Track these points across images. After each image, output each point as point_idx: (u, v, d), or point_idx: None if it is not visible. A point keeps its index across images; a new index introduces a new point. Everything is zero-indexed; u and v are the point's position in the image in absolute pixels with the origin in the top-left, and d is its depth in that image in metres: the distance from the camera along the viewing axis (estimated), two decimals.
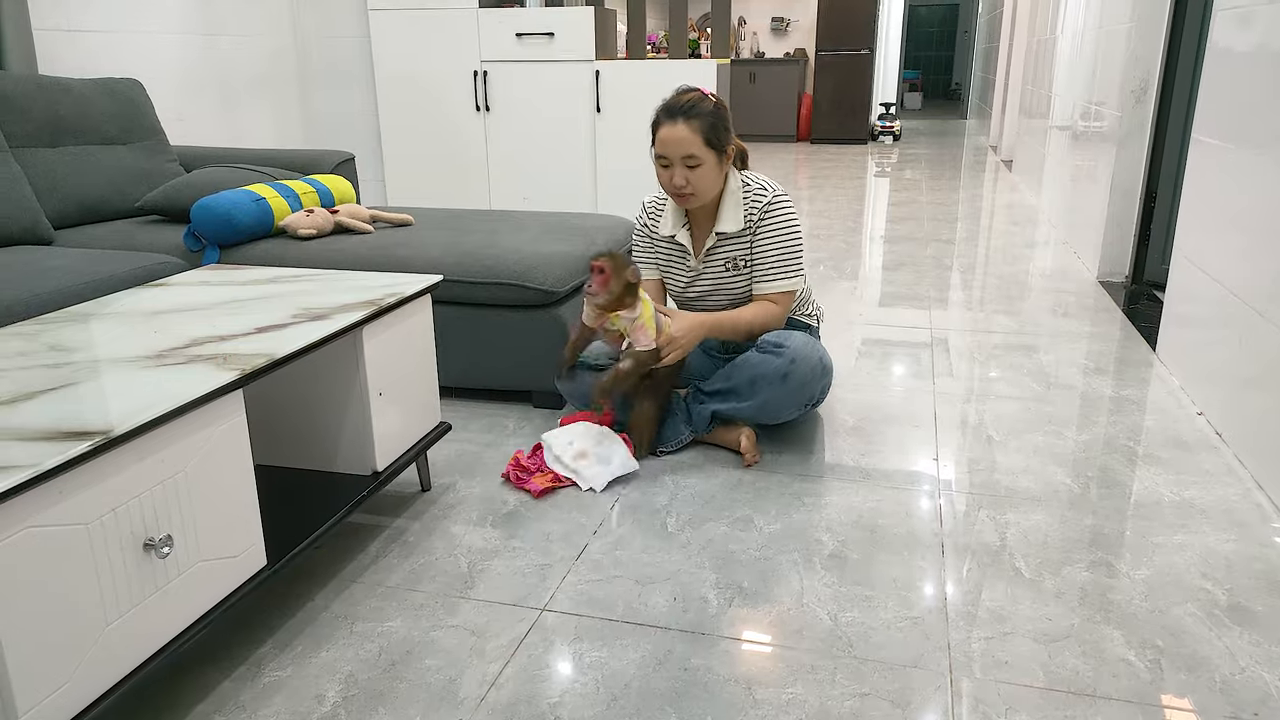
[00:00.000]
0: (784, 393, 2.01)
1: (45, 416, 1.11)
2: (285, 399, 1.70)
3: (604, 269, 1.87)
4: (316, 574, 1.64)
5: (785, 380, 2.00)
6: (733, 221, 2.05)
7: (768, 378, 2.00)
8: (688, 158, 1.95)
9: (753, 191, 2.06)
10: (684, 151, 1.94)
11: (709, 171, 1.97)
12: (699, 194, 2.00)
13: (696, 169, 1.96)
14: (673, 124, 1.95)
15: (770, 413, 2.06)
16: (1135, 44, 3.47)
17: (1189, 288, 2.56)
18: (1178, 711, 1.28)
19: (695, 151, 1.94)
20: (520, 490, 1.93)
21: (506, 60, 3.93)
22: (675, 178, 1.97)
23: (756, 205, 2.05)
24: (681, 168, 1.96)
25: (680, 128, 1.94)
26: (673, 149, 1.95)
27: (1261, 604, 1.52)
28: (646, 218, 2.20)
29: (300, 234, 2.47)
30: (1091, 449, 2.12)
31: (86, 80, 2.82)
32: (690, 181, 1.97)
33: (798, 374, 2.00)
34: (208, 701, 1.32)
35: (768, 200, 2.04)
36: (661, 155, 1.99)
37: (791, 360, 1.99)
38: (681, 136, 1.94)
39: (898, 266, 4.01)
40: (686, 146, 1.94)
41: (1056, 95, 5.22)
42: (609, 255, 1.89)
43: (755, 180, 2.08)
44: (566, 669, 1.38)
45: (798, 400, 2.04)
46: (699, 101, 1.96)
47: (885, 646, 1.42)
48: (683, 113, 1.94)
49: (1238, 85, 2.29)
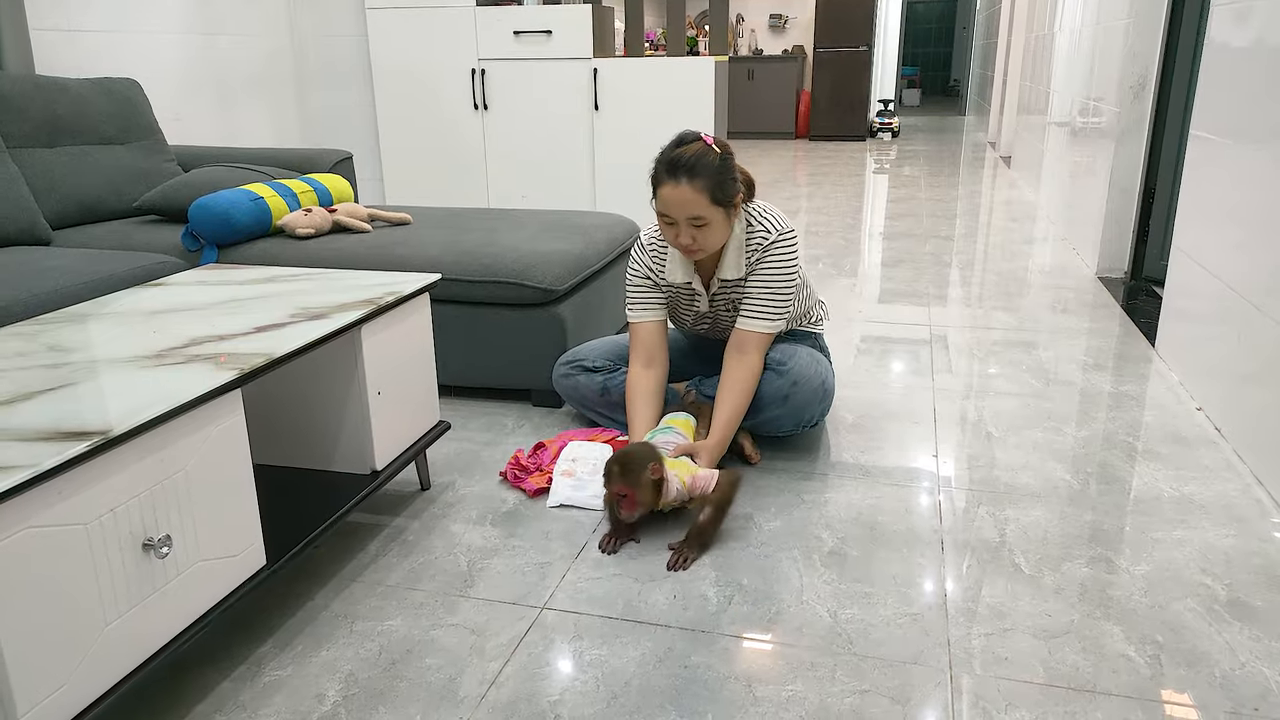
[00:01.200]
0: (784, 413, 2.01)
1: (44, 417, 1.11)
2: (284, 398, 1.70)
3: (626, 493, 1.66)
4: (316, 573, 1.64)
5: (786, 401, 1.99)
6: (734, 269, 1.94)
7: (768, 397, 1.99)
8: (693, 219, 1.79)
9: (756, 235, 1.93)
10: (690, 213, 1.79)
11: (716, 228, 1.83)
12: (706, 249, 1.86)
13: (703, 228, 1.81)
14: (675, 184, 1.78)
15: (768, 428, 2.06)
16: (1133, 40, 3.46)
17: (1188, 283, 2.56)
18: (1178, 707, 1.28)
19: (701, 212, 1.79)
20: (518, 489, 1.93)
21: (504, 58, 3.93)
22: (681, 237, 1.83)
23: (759, 247, 1.93)
24: (687, 227, 1.81)
25: (684, 188, 1.77)
26: (677, 210, 1.80)
27: (1261, 599, 1.52)
28: (650, 261, 2.02)
29: (298, 233, 2.47)
30: (1091, 445, 2.12)
31: (84, 80, 2.82)
32: (696, 240, 1.83)
33: (798, 396, 1.99)
34: (208, 701, 1.32)
35: (770, 241, 1.93)
36: (664, 214, 1.83)
37: (794, 383, 1.98)
38: (686, 198, 1.78)
39: (897, 263, 4.00)
40: (692, 208, 1.78)
41: (1055, 91, 5.22)
42: (622, 469, 1.66)
43: (761, 221, 1.94)
44: (567, 667, 1.38)
45: (795, 420, 2.03)
46: (702, 156, 1.79)
47: (885, 643, 1.42)
48: (686, 170, 1.77)
49: (1236, 80, 2.29)
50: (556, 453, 2.00)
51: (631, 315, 2.05)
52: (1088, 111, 4.18)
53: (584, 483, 1.89)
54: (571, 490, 1.88)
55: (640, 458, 1.67)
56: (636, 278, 2.04)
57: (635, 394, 1.98)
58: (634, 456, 1.67)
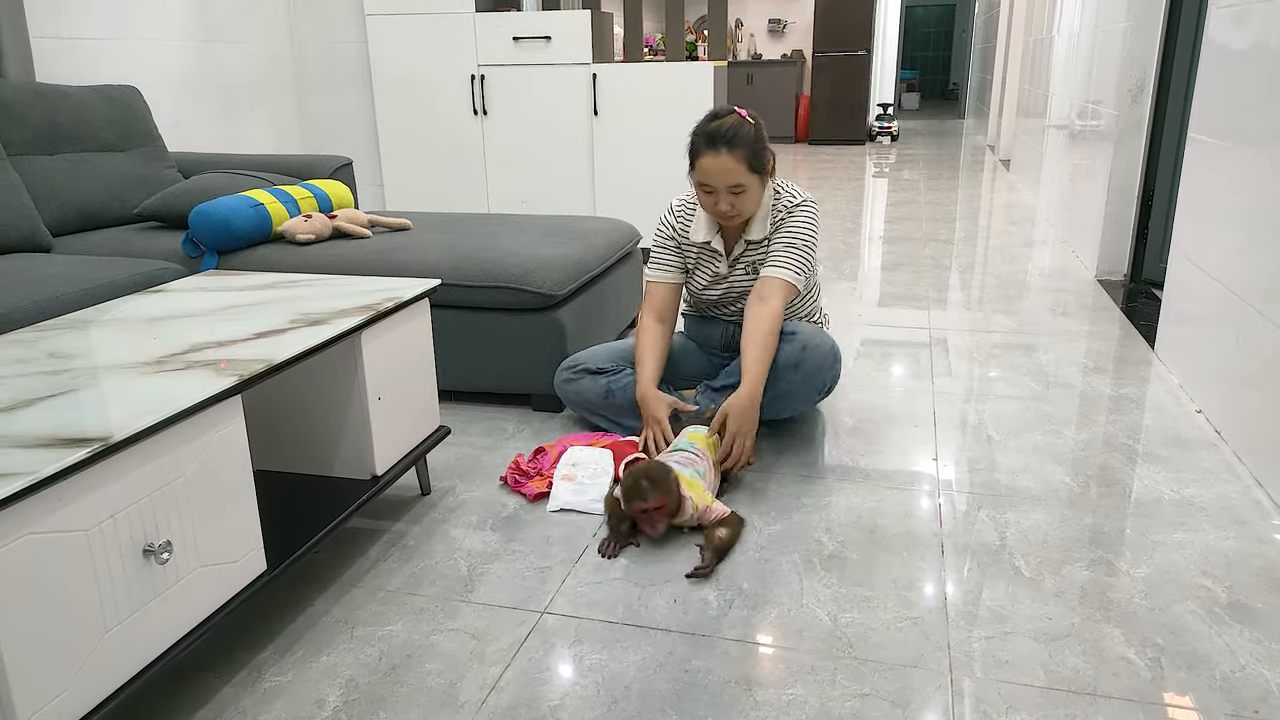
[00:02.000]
0: (797, 380, 2.03)
1: (44, 423, 1.12)
2: (284, 404, 1.70)
3: (662, 504, 1.65)
4: (316, 579, 1.64)
5: (797, 368, 2.01)
6: (760, 230, 2.06)
7: (781, 364, 2.01)
8: (734, 186, 1.93)
9: (782, 201, 2.07)
10: (730, 181, 1.92)
11: (752, 194, 1.97)
12: (743, 215, 2.00)
13: (741, 195, 1.94)
14: (715, 154, 1.91)
15: (784, 403, 2.07)
16: (1131, 43, 3.47)
17: (1187, 286, 2.56)
18: (1178, 710, 1.28)
19: (741, 180, 1.92)
20: (518, 494, 1.93)
21: (504, 64, 3.93)
22: (721, 204, 1.96)
23: (784, 209, 2.06)
24: (727, 195, 1.94)
25: (724, 158, 1.90)
26: (717, 179, 1.92)
27: (1262, 601, 1.52)
28: (675, 221, 2.16)
29: (298, 239, 2.48)
30: (1091, 448, 2.12)
31: (84, 87, 2.82)
32: (735, 205, 1.96)
33: (810, 360, 2.01)
34: (208, 707, 1.32)
35: (795, 204, 2.06)
36: (704, 183, 1.95)
37: (803, 347, 2.01)
38: (726, 167, 1.90)
39: (896, 267, 4.01)
40: (732, 176, 1.91)
41: (1054, 95, 5.22)
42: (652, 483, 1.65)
43: (786, 190, 2.09)
44: (567, 672, 1.38)
45: (811, 388, 2.05)
46: (739, 126, 1.92)
47: (885, 647, 1.42)
48: (725, 141, 1.90)
49: (1234, 83, 2.29)
50: (557, 457, 2.01)
51: (650, 274, 2.19)
52: (1086, 114, 4.18)
53: (584, 487, 1.89)
54: (572, 495, 1.88)
55: (664, 470, 1.69)
56: (662, 238, 2.17)
57: (644, 341, 2.11)
58: (657, 470, 1.69)
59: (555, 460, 2.00)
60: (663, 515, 1.68)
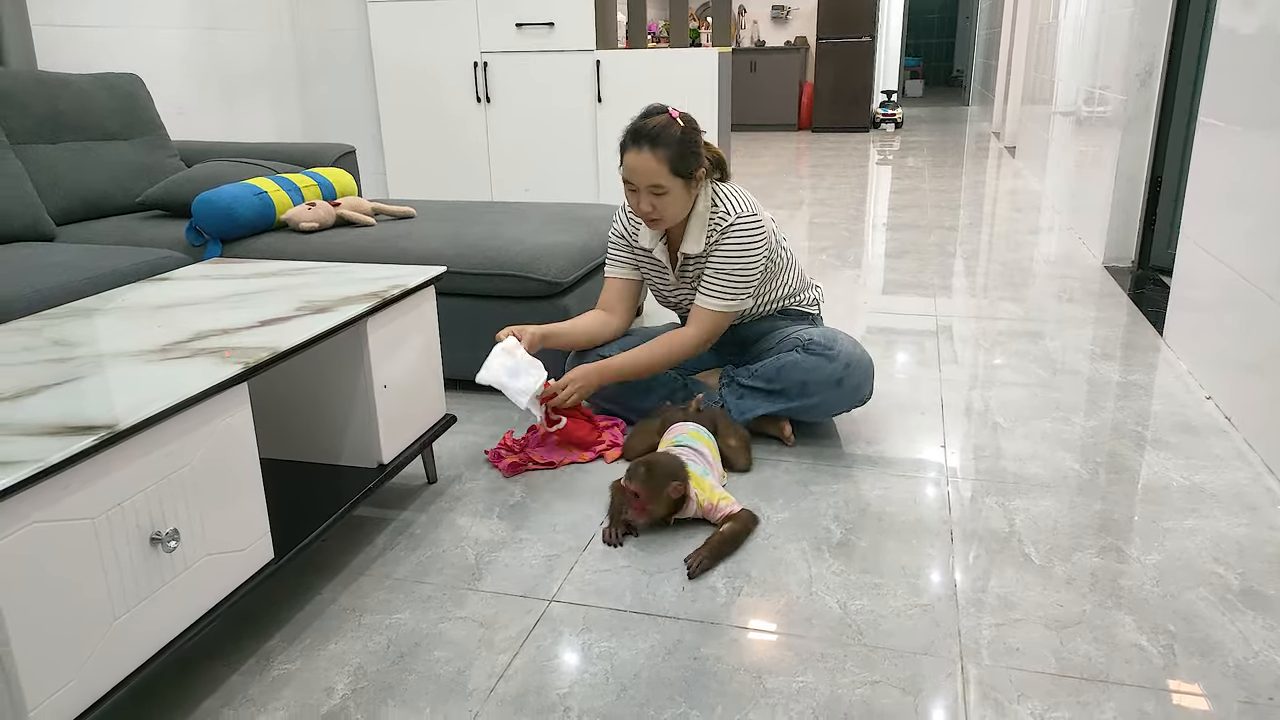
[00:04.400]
0: (839, 395, 2.01)
1: (50, 411, 1.11)
2: (290, 392, 1.69)
3: (639, 494, 1.65)
4: (324, 567, 1.63)
5: (840, 385, 2.00)
6: (695, 244, 2.00)
7: (822, 382, 1.99)
8: (653, 186, 1.89)
9: (718, 214, 1.99)
10: (649, 180, 1.88)
11: (675, 198, 1.91)
12: (665, 220, 1.95)
13: (662, 196, 1.90)
14: (638, 151, 1.88)
15: (822, 412, 2.06)
16: (1139, 27, 3.44)
17: (1196, 272, 2.54)
18: (1191, 697, 1.27)
19: (661, 181, 1.88)
20: (496, 468, 1.97)
21: (507, 51, 3.91)
22: (641, 204, 1.92)
23: (718, 229, 1.99)
24: (648, 194, 1.90)
25: (645, 156, 1.87)
26: (638, 177, 1.89)
27: (1274, 588, 1.51)
28: (627, 220, 2.13)
29: (302, 227, 2.47)
30: (1099, 434, 2.11)
31: (86, 75, 2.81)
32: (656, 208, 1.92)
33: (852, 378, 2.00)
34: (216, 696, 1.31)
35: (729, 224, 1.97)
36: (628, 180, 1.92)
37: (846, 365, 1.99)
38: (648, 166, 1.87)
39: (901, 254, 3.99)
40: (652, 176, 1.88)
41: (1059, 80, 5.19)
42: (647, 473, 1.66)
43: (725, 201, 1.99)
44: (575, 659, 1.37)
45: (850, 401, 2.04)
46: (666, 127, 1.88)
47: (895, 634, 1.41)
48: (649, 139, 1.87)
49: (1244, 66, 2.27)
50: (544, 436, 2.02)
51: (606, 270, 2.19)
52: (1093, 100, 4.15)
53: (520, 370, 1.89)
54: (507, 376, 1.87)
55: (667, 472, 1.67)
56: (614, 236, 2.17)
57: (579, 319, 2.13)
58: (663, 468, 1.68)
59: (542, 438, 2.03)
60: (640, 507, 1.66)
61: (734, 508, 1.72)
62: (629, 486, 1.66)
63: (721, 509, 1.71)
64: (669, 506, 1.69)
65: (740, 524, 1.69)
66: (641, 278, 2.18)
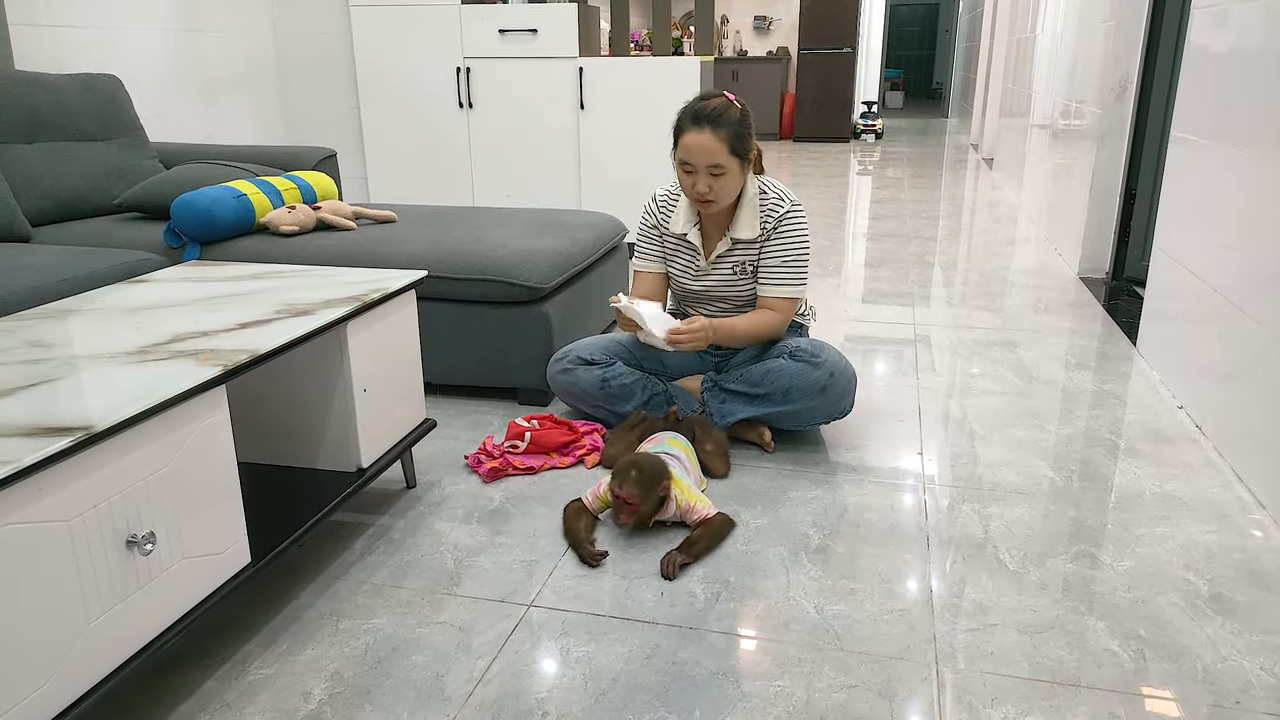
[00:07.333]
0: (821, 404, 2.04)
1: (24, 412, 1.10)
2: (269, 396, 1.68)
3: (633, 502, 1.66)
4: (301, 571, 1.62)
5: (824, 393, 2.02)
6: (749, 229, 2.05)
7: (805, 389, 2.01)
8: (713, 166, 1.93)
9: (770, 201, 2.06)
10: (710, 160, 1.92)
11: (731, 179, 1.96)
12: (720, 200, 1.99)
13: (720, 177, 1.94)
14: (699, 131, 1.92)
15: (803, 420, 2.08)
16: (1114, 43, 3.50)
17: (1169, 283, 2.58)
18: (1160, 701, 1.29)
19: (721, 161, 1.92)
20: (476, 473, 1.98)
21: (489, 57, 3.91)
22: (699, 184, 1.96)
23: (773, 215, 2.05)
24: (706, 175, 1.94)
25: (707, 136, 1.91)
26: (698, 157, 1.93)
27: (1242, 594, 1.54)
28: (657, 210, 2.17)
29: (282, 230, 2.45)
30: (1073, 442, 2.14)
31: (64, 76, 2.79)
32: (713, 189, 1.96)
33: (835, 387, 2.02)
34: (192, 700, 1.30)
35: (785, 210, 2.05)
36: (685, 161, 1.95)
37: (830, 374, 2.01)
38: (708, 145, 1.91)
39: (881, 263, 4.02)
40: (712, 155, 1.92)
41: (1037, 94, 5.26)
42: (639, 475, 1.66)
43: (772, 188, 2.08)
44: (553, 664, 1.38)
45: (831, 411, 2.06)
46: (726, 108, 1.94)
47: (871, 639, 1.43)
48: (709, 120, 1.92)
49: (1216, 83, 2.32)
50: (522, 433, 2.04)
51: (636, 264, 2.22)
52: (1069, 114, 4.21)
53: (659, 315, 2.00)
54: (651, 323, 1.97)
55: (657, 473, 1.69)
56: (645, 227, 2.20)
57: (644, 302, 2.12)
58: (653, 468, 1.69)
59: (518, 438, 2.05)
60: (631, 513, 1.68)
61: (709, 511, 1.73)
62: (621, 494, 1.67)
63: (698, 511, 1.72)
64: (656, 506, 1.70)
65: (715, 527, 1.71)
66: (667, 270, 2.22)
